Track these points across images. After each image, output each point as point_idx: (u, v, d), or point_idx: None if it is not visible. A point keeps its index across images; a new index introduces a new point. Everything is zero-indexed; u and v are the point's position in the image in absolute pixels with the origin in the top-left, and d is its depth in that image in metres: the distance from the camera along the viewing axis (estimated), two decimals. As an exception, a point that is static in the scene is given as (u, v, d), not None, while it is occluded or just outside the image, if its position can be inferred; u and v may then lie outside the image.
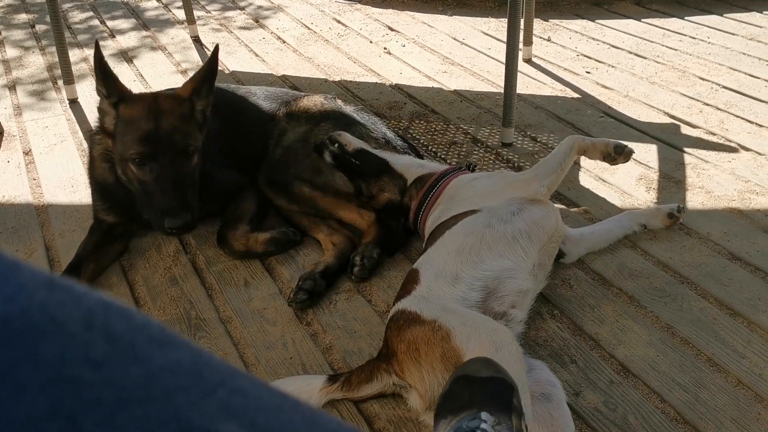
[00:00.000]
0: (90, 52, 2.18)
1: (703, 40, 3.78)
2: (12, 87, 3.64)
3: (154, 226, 2.12)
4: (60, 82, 3.54)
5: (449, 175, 2.11)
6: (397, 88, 3.40)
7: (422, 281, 1.71)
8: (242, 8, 4.73)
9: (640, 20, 4.12)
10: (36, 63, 3.93)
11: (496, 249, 1.76)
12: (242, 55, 3.91)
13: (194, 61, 3.82)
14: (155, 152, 2.03)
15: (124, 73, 3.63)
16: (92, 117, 2.35)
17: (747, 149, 2.69)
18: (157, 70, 3.74)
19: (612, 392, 1.65)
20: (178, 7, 4.65)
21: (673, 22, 4.06)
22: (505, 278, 1.72)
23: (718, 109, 3.03)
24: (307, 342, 1.87)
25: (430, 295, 1.65)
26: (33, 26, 4.55)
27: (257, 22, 4.46)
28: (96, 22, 4.56)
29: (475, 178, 2.08)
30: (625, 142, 2.03)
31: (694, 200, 2.38)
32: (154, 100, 2.11)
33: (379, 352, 1.68)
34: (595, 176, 2.55)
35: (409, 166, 2.18)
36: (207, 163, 2.28)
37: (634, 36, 3.90)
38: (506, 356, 1.39)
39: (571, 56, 3.68)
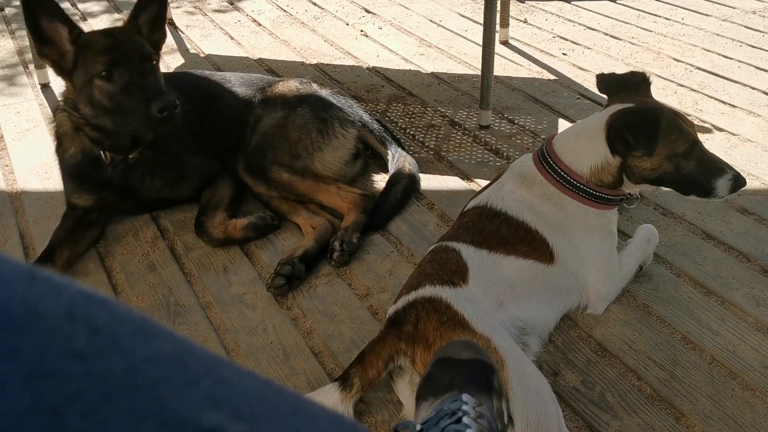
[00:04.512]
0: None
1: (677, 22, 3.81)
2: (-19, 72, 3.57)
3: (142, 125, 2.07)
4: (31, 67, 3.47)
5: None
6: (375, 70, 3.38)
7: (470, 285, 1.64)
8: (216, -10, 4.67)
9: (615, 2, 4.13)
10: (6, 47, 3.85)
11: (542, 306, 1.74)
12: (217, 38, 3.87)
13: (168, 44, 3.75)
14: (121, 58, 2.04)
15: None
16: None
17: (721, 130, 2.73)
18: (130, 54, 3.67)
19: (590, 371, 1.68)
20: (151, -10, 4.57)
21: (648, 4, 4.08)
22: (535, 327, 1.72)
23: (692, 90, 3.05)
24: (287, 326, 1.87)
25: (475, 304, 1.59)
26: (2, 9, 4.45)
27: (232, 4, 4.40)
28: (67, 4, 4.47)
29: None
30: None
31: (669, 181, 2.40)
32: (104, 29, 2.30)
33: (392, 324, 1.59)
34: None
35: None
36: (181, 150, 2.27)
37: (610, 17, 3.91)
38: (550, 409, 1.41)
39: (547, 38, 3.68)
